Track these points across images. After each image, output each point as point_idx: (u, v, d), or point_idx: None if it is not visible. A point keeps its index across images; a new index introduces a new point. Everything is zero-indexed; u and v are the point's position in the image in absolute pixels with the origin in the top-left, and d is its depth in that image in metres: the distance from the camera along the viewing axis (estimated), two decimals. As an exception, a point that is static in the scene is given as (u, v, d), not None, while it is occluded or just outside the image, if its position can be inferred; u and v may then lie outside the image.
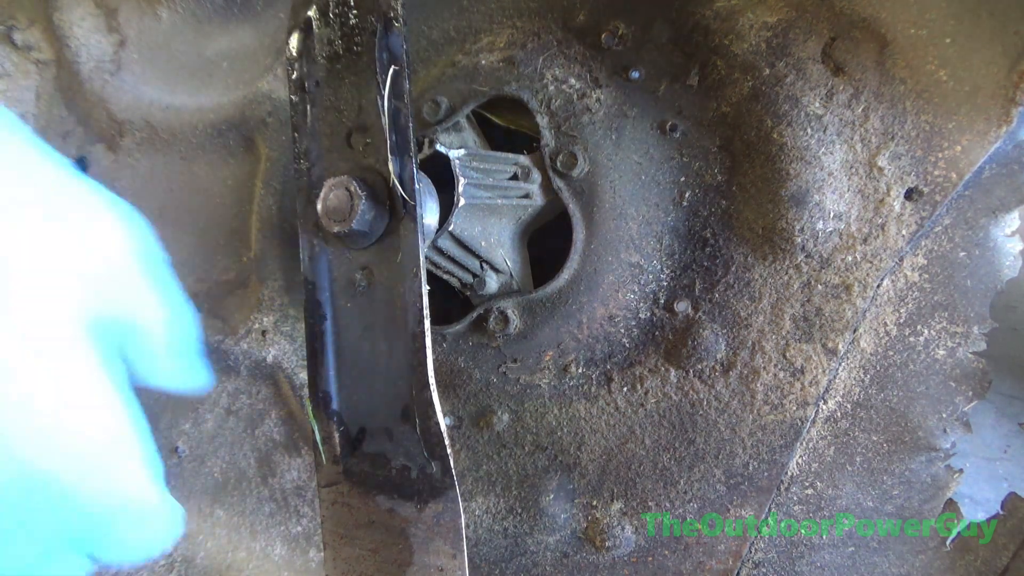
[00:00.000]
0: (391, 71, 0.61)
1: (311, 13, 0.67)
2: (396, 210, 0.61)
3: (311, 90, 0.69)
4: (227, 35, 1.02)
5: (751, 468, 0.69)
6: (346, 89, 0.66)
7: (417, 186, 0.60)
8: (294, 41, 0.69)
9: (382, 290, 0.64)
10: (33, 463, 0.38)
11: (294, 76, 0.70)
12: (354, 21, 0.65)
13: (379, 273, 0.64)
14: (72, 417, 0.39)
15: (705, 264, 0.71)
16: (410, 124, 0.60)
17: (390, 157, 0.60)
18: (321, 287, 0.69)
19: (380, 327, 0.65)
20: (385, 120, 0.60)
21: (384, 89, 0.60)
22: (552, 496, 0.75)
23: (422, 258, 0.59)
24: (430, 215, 0.67)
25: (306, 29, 0.68)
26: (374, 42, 0.62)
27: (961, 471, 0.66)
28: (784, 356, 0.68)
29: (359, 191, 0.58)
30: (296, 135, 0.70)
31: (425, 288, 0.59)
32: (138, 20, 1.07)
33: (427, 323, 0.59)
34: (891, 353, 0.66)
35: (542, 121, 0.74)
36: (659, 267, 0.73)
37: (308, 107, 0.69)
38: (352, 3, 0.65)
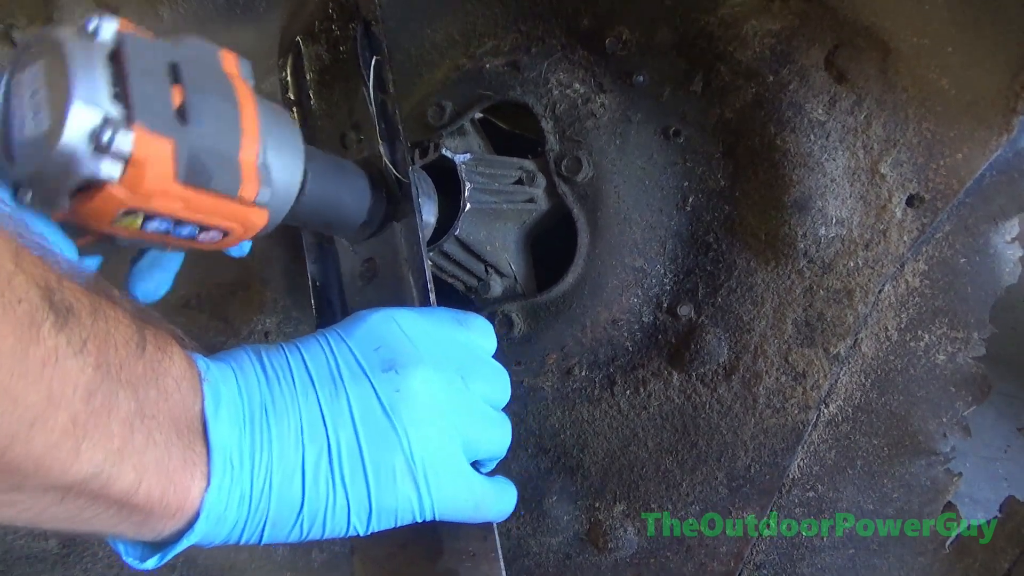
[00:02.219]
0: (374, 62, 0.63)
1: (298, 38, 0.69)
2: (392, 194, 0.62)
3: (304, 104, 0.71)
4: (229, 36, 1.01)
5: (753, 471, 0.69)
6: (336, 95, 0.68)
7: (411, 169, 0.61)
8: (287, 66, 0.71)
9: (386, 275, 0.66)
10: None
11: (289, 95, 0.72)
12: (337, 32, 0.68)
13: (382, 261, 0.66)
14: None
15: (708, 269, 0.71)
16: (397, 112, 0.63)
17: (380, 143, 0.62)
18: (329, 285, 0.71)
19: None
20: (373, 109, 0.63)
21: (369, 80, 0.63)
22: (555, 498, 0.76)
23: (421, 232, 0.61)
24: (427, 213, 0.68)
25: (296, 52, 0.70)
26: (356, 46, 0.65)
27: (960, 475, 0.67)
28: (786, 360, 0.68)
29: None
30: None
31: (427, 262, 0.61)
32: (139, 19, 1.06)
33: (433, 296, 0.61)
34: (892, 358, 0.67)
35: (547, 126, 0.75)
36: (662, 271, 0.73)
37: (305, 120, 0.71)
38: (334, 16, 0.68)
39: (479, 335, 0.58)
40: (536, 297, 0.74)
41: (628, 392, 0.73)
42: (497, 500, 0.54)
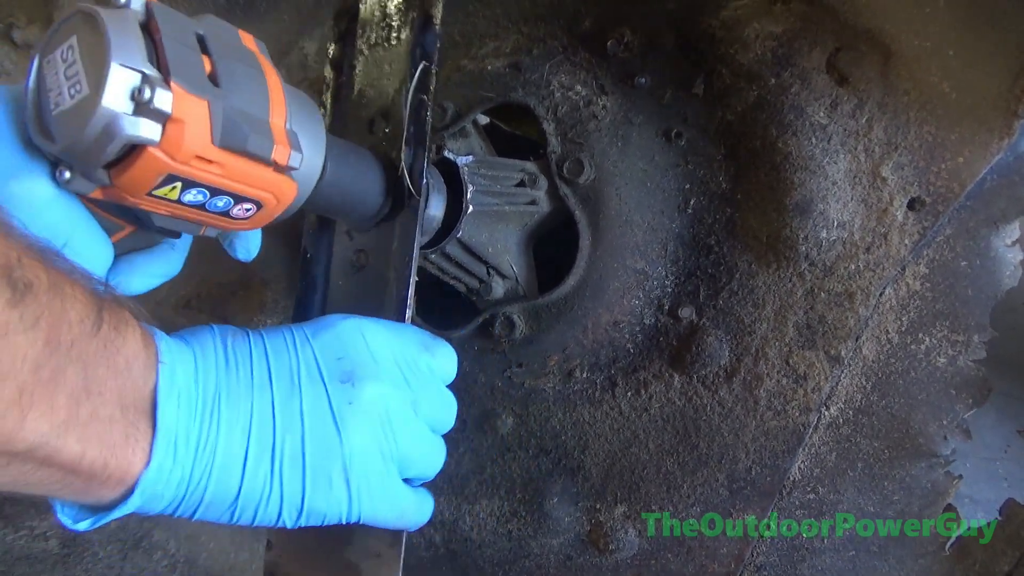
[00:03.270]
0: (421, 65, 0.63)
1: (360, 3, 0.69)
2: (401, 199, 0.62)
3: (345, 72, 0.71)
4: (229, 36, 1.01)
5: (754, 473, 0.70)
6: (377, 77, 0.68)
7: (424, 180, 0.62)
8: (340, 23, 0.70)
9: (373, 273, 0.66)
10: None
11: (332, 54, 0.71)
12: (397, 17, 0.67)
13: (374, 257, 0.66)
14: None
15: (709, 271, 0.72)
16: (429, 119, 0.62)
17: (404, 147, 0.62)
18: (317, 260, 0.71)
19: (367, 308, 0.66)
20: (406, 111, 0.62)
21: (412, 81, 0.62)
22: (556, 499, 0.76)
23: (415, 250, 0.61)
24: (436, 208, 0.68)
25: (352, 15, 0.69)
26: (411, 37, 0.64)
27: (960, 477, 0.67)
28: (787, 363, 0.68)
29: None
30: (322, 110, 0.72)
31: (414, 278, 0.61)
32: (139, 20, 1.06)
33: (410, 312, 0.61)
34: (893, 360, 0.67)
35: (548, 128, 0.75)
36: (664, 273, 0.73)
37: (339, 88, 0.71)
38: None
39: (441, 362, 0.59)
40: (538, 299, 0.74)
41: (629, 394, 0.74)
42: (417, 512, 0.56)
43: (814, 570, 0.70)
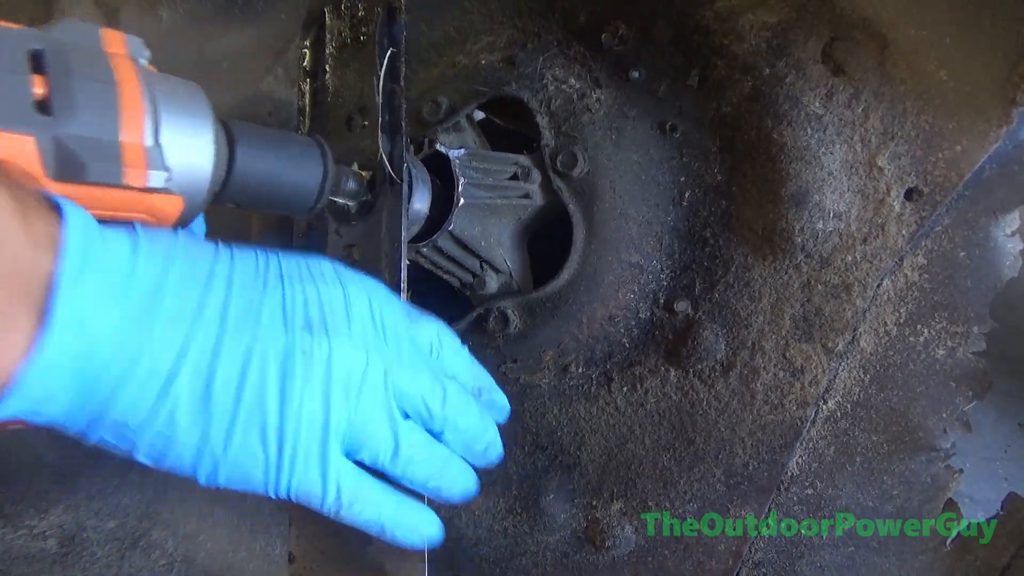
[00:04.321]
0: (389, 53, 0.64)
1: (326, 8, 0.70)
2: (384, 188, 0.63)
3: (319, 77, 0.72)
4: (228, 35, 1.02)
5: (751, 468, 0.69)
6: (350, 75, 0.69)
7: (406, 165, 0.62)
8: (309, 34, 0.72)
9: (365, 266, 0.67)
10: None
11: (305, 64, 0.73)
12: (362, 13, 0.69)
13: (364, 250, 0.66)
14: None
15: (705, 264, 0.71)
16: (403, 106, 0.63)
17: (380, 135, 0.62)
18: None
19: None
20: (379, 99, 0.63)
21: (381, 70, 0.63)
22: (552, 496, 0.75)
23: (404, 233, 0.61)
24: (420, 202, 0.68)
25: (320, 23, 0.71)
26: (378, 30, 0.65)
27: (961, 471, 0.66)
28: (784, 356, 0.68)
29: (345, 167, 0.61)
30: (300, 118, 0.74)
31: (405, 262, 0.61)
32: (139, 20, 1.07)
33: (404, 296, 0.61)
34: (891, 353, 0.66)
35: (542, 121, 0.74)
36: (659, 267, 0.73)
37: (315, 94, 0.72)
38: None
39: (427, 333, 0.55)
40: (532, 293, 0.74)
41: (625, 389, 0.73)
42: (371, 509, 0.49)
43: (813, 566, 0.69)
